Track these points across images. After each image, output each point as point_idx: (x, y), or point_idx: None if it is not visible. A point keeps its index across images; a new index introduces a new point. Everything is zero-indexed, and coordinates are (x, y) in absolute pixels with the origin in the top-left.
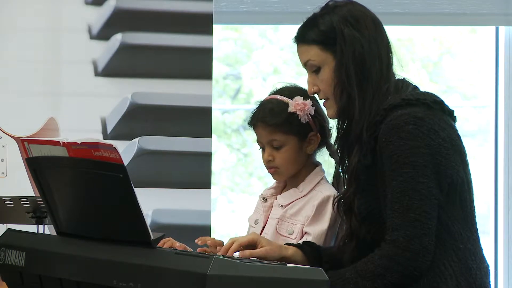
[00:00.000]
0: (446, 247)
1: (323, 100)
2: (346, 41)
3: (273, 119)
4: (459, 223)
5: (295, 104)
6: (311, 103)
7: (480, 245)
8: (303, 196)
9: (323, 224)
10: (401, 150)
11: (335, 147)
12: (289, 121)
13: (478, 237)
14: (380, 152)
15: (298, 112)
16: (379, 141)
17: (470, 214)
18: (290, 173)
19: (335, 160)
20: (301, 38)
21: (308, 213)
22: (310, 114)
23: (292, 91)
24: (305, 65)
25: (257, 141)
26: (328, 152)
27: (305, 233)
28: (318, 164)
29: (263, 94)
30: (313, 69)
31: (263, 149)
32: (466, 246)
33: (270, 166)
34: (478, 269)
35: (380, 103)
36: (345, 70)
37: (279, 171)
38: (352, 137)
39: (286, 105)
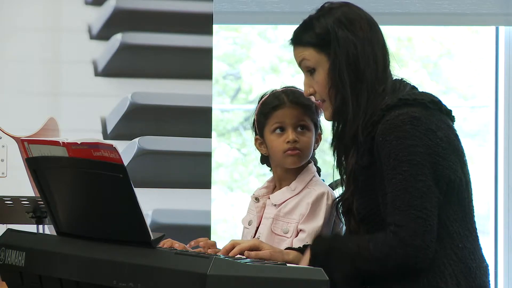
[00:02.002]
0: (445, 247)
1: (320, 103)
2: (340, 43)
3: (305, 102)
4: (457, 222)
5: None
6: None
7: (479, 244)
8: (296, 195)
9: (318, 221)
10: (398, 149)
11: (331, 151)
12: (314, 111)
13: (477, 236)
14: (378, 152)
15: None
16: (376, 141)
17: (469, 213)
18: (305, 161)
19: (334, 157)
20: (297, 40)
21: (303, 211)
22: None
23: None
24: (300, 65)
25: (276, 123)
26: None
27: (300, 230)
28: (309, 162)
29: (262, 92)
30: (308, 70)
31: (281, 130)
32: (465, 246)
33: (295, 147)
34: (477, 268)
35: (376, 104)
36: (338, 72)
37: (300, 154)
38: (348, 139)
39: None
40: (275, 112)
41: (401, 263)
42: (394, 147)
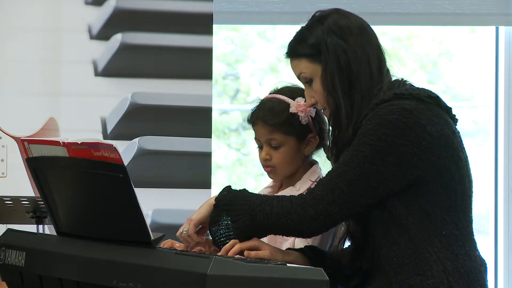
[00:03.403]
0: (428, 234)
1: (322, 111)
2: (330, 50)
3: (274, 119)
4: (443, 210)
5: (297, 105)
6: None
7: (472, 237)
8: None
9: None
10: (371, 133)
11: (329, 156)
12: (289, 122)
13: (472, 229)
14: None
15: (299, 113)
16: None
17: (461, 205)
18: (286, 173)
19: (331, 163)
20: (292, 53)
21: None
22: (310, 115)
23: (293, 91)
24: (298, 77)
25: (255, 139)
26: (326, 155)
27: None
28: (314, 163)
29: (260, 93)
30: (306, 81)
31: (261, 147)
32: (452, 232)
33: (267, 165)
34: (466, 255)
35: (371, 103)
36: (331, 79)
37: (275, 170)
38: (342, 143)
39: (287, 105)
40: (253, 127)
41: (296, 226)
42: (368, 130)
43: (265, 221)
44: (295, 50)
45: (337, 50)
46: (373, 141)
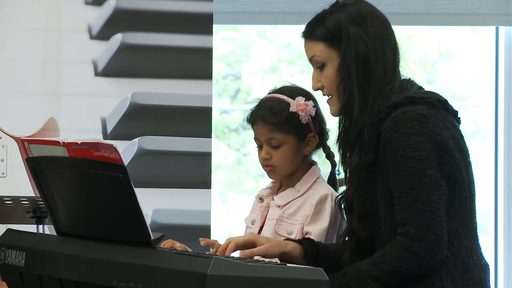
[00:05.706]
0: None
1: (327, 97)
2: (351, 40)
3: (274, 118)
4: (456, 220)
5: (297, 104)
6: (313, 104)
7: (478, 243)
8: (300, 196)
9: (323, 222)
10: (406, 145)
11: (337, 146)
12: (289, 121)
13: (477, 235)
14: (384, 149)
15: (299, 113)
16: (382, 137)
17: (469, 213)
18: (286, 172)
19: (331, 162)
20: (309, 34)
21: (307, 212)
22: (311, 115)
23: (292, 90)
24: (310, 60)
25: (255, 138)
26: (325, 154)
27: (306, 233)
28: (313, 164)
29: (260, 93)
30: (318, 65)
31: (260, 147)
32: (463, 243)
33: (267, 164)
34: (475, 266)
35: (383, 103)
36: (347, 69)
37: (275, 170)
38: (353, 136)
39: (287, 104)
40: (252, 127)
41: (422, 262)
42: (401, 143)
43: (391, 278)
44: (312, 32)
45: (358, 41)
46: (413, 152)
